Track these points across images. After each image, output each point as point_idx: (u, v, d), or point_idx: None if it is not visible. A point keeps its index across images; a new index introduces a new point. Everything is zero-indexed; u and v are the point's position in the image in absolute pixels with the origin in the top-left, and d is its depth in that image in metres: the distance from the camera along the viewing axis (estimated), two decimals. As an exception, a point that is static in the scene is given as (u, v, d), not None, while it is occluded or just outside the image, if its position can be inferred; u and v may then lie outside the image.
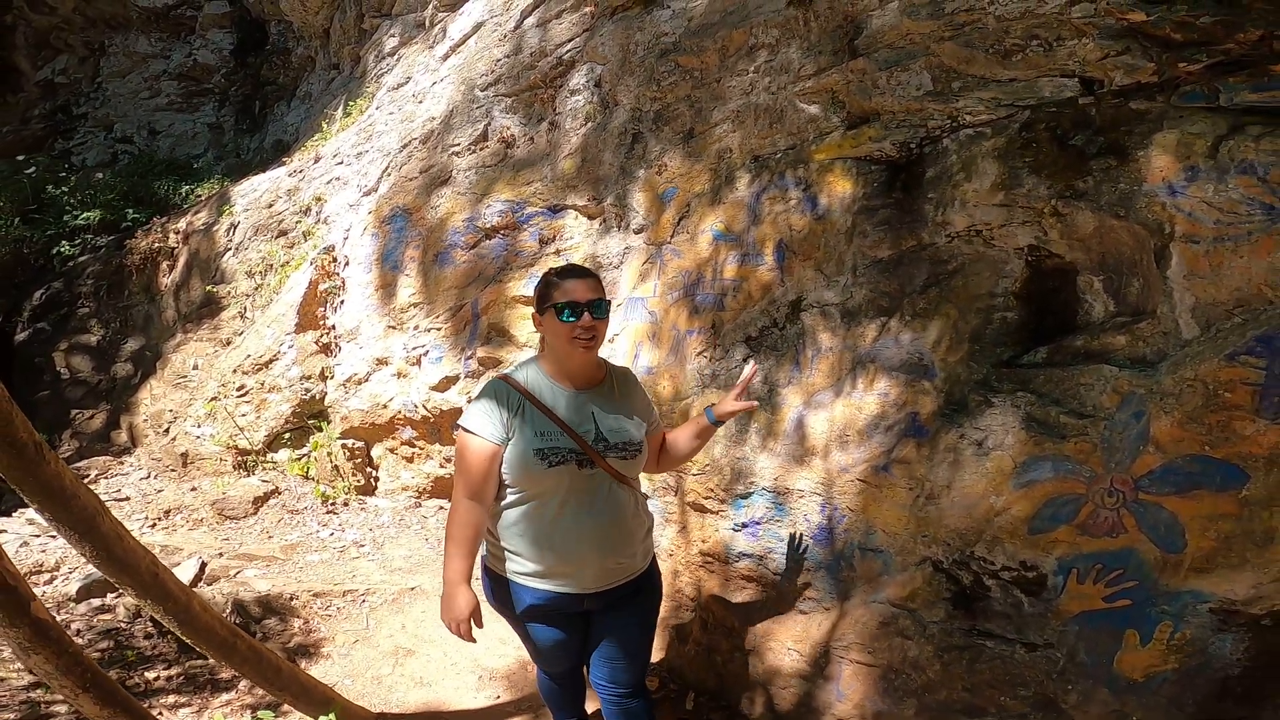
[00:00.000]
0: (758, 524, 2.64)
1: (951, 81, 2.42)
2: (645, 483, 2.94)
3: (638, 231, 3.42)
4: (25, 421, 1.69)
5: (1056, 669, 2.01)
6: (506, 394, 1.93)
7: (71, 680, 1.80)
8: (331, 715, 2.53)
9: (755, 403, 2.16)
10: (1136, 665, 1.91)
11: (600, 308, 1.91)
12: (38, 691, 2.72)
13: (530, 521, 1.92)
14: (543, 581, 1.94)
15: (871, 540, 2.37)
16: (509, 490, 1.92)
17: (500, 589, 2.03)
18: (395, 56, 6.34)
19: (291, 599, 3.46)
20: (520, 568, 1.95)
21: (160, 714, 2.70)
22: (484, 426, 1.89)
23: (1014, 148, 2.26)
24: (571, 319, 1.87)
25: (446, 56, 5.24)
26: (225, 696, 2.83)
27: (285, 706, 2.64)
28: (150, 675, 2.92)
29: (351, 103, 6.76)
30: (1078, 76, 2.20)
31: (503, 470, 1.89)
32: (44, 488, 1.76)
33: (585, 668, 2.19)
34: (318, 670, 3.01)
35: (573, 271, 1.97)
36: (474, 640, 1.92)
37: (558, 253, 3.77)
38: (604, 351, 3.41)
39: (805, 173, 2.77)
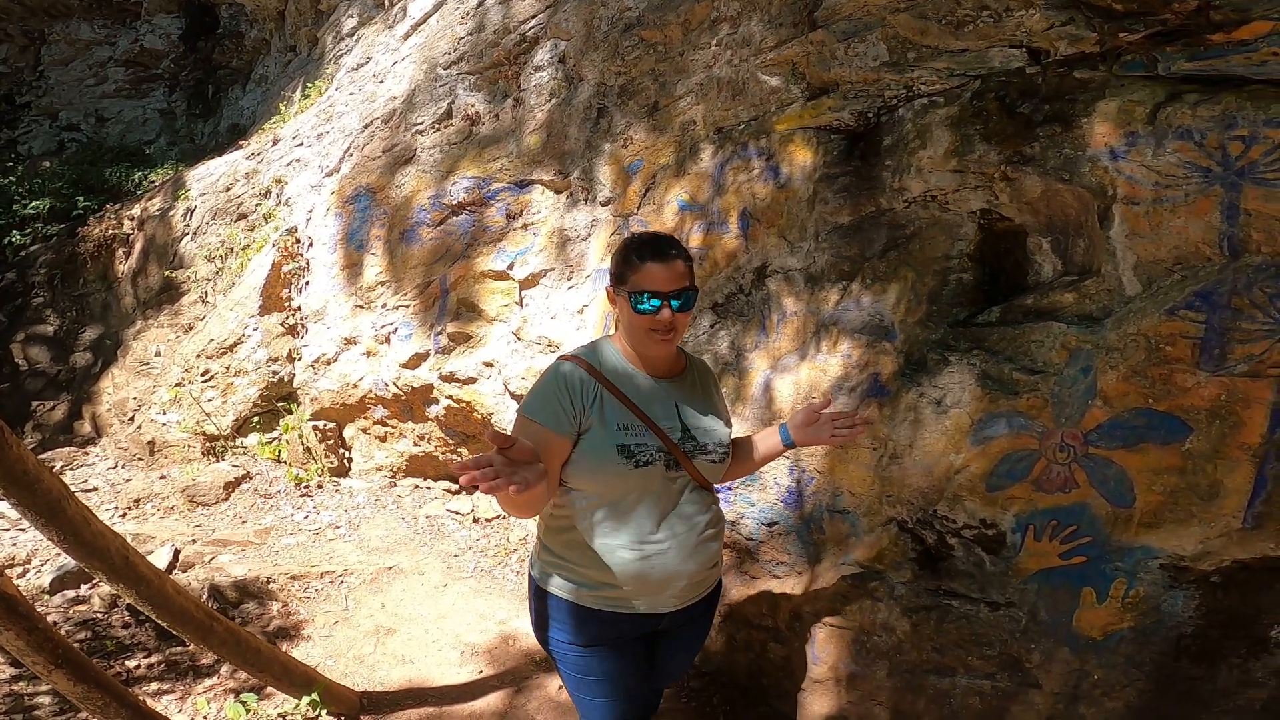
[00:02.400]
0: (729, 489, 2.71)
1: (906, 52, 2.48)
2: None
3: (604, 204, 3.45)
4: (-14, 408, 1.69)
5: (1019, 628, 2.09)
6: (580, 380, 1.61)
7: (43, 657, 1.80)
8: (314, 695, 2.56)
9: (858, 431, 1.82)
10: (1094, 623, 2.00)
11: (685, 300, 1.60)
12: (20, 684, 2.70)
13: (603, 530, 1.62)
14: (615, 602, 1.64)
15: (839, 502, 2.46)
16: (575, 494, 1.63)
17: (557, 613, 1.70)
18: (354, 37, 6.21)
19: (268, 582, 3.46)
20: (586, 586, 1.65)
21: (144, 701, 2.69)
22: (550, 415, 1.57)
23: (966, 116, 2.33)
24: (649, 311, 1.58)
25: (407, 35, 5.16)
26: (207, 682, 2.83)
27: (269, 690, 2.66)
28: (131, 664, 2.90)
29: (310, 84, 6.62)
30: (1025, 47, 2.27)
31: (567, 471, 1.59)
32: (7, 472, 1.75)
33: None
34: (299, 652, 3.02)
35: (657, 250, 1.60)
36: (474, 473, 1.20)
37: (525, 227, 3.78)
38: (571, 323, 3.48)
39: (767, 143, 2.82)
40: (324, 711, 2.59)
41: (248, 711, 2.58)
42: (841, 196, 2.60)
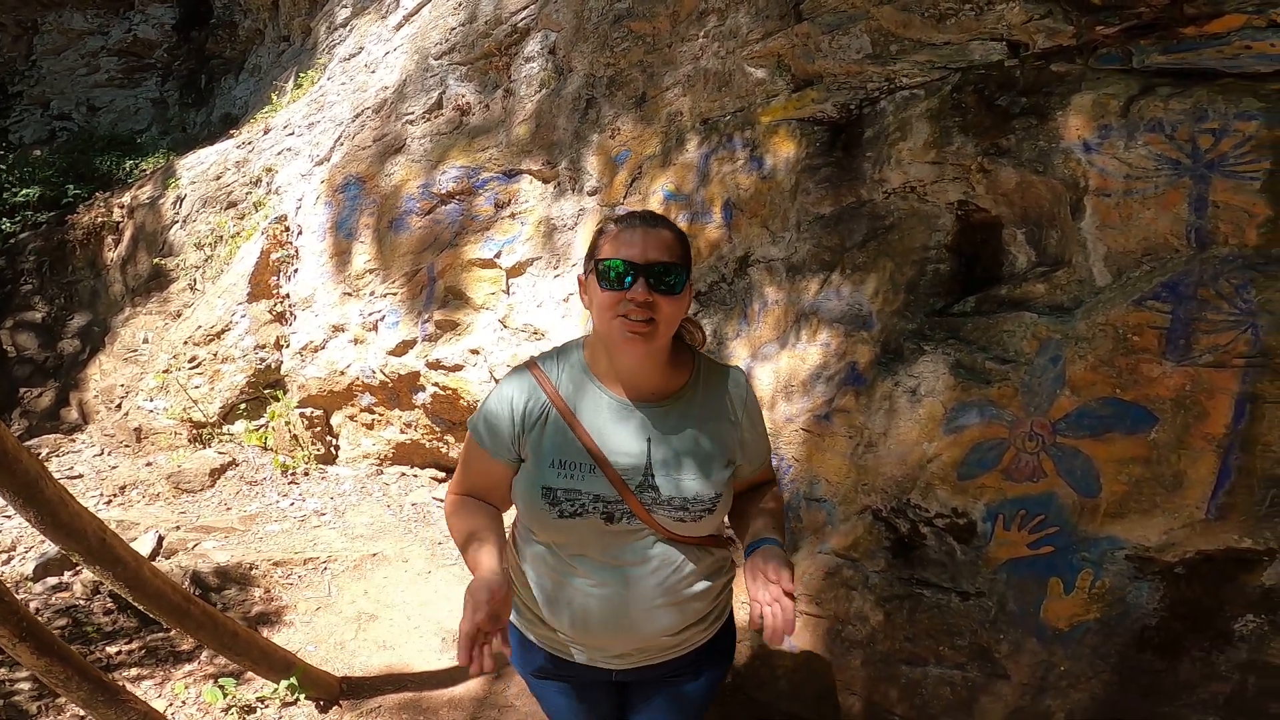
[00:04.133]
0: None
1: (889, 45, 2.50)
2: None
3: (591, 194, 3.46)
4: (-37, 390, 1.69)
5: (989, 618, 2.11)
6: (528, 396, 1.34)
7: (8, 629, 1.79)
8: (293, 679, 2.57)
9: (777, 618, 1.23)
10: (1061, 614, 2.01)
11: (672, 278, 1.23)
12: (1, 670, 2.71)
13: (543, 568, 1.39)
14: (552, 644, 1.45)
15: (816, 490, 2.48)
16: (522, 521, 1.42)
17: (512, 636, 1.49)
18: (347, 27, 6.20)
19: (251, 569, 3.47)
20: (528, 619, 1.46)
21: (123, 686, 2.70)
22: (490, 437, 1.35)
23: (945, 108, 2.35)
24: (618, 287, 1.22)
25: (400, 26, 5.15)
26: (187, 667, 2.83)
27: (247, 674, 2.67)
28: (111, 650, 2.90)
29: (302, 74, 6.60)
30: (1005, 40, 2.29)
31: (512, 495, 1.39)
32: None
33: None
34: (280, 638, 3.03)
35: (638, 217, 1.29)
36: (478, 654, 1.16)
37: (512, 216, 3.79)
38: (556, 312, 3.50)
39: (752, 134, 2.84)
40: (302, 696, 2.60)
41: (225, 695, 2.59)
42: (823, 187, 2.63)
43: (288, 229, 5.05)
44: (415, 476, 4.45)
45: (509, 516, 1.49)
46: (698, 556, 1.38)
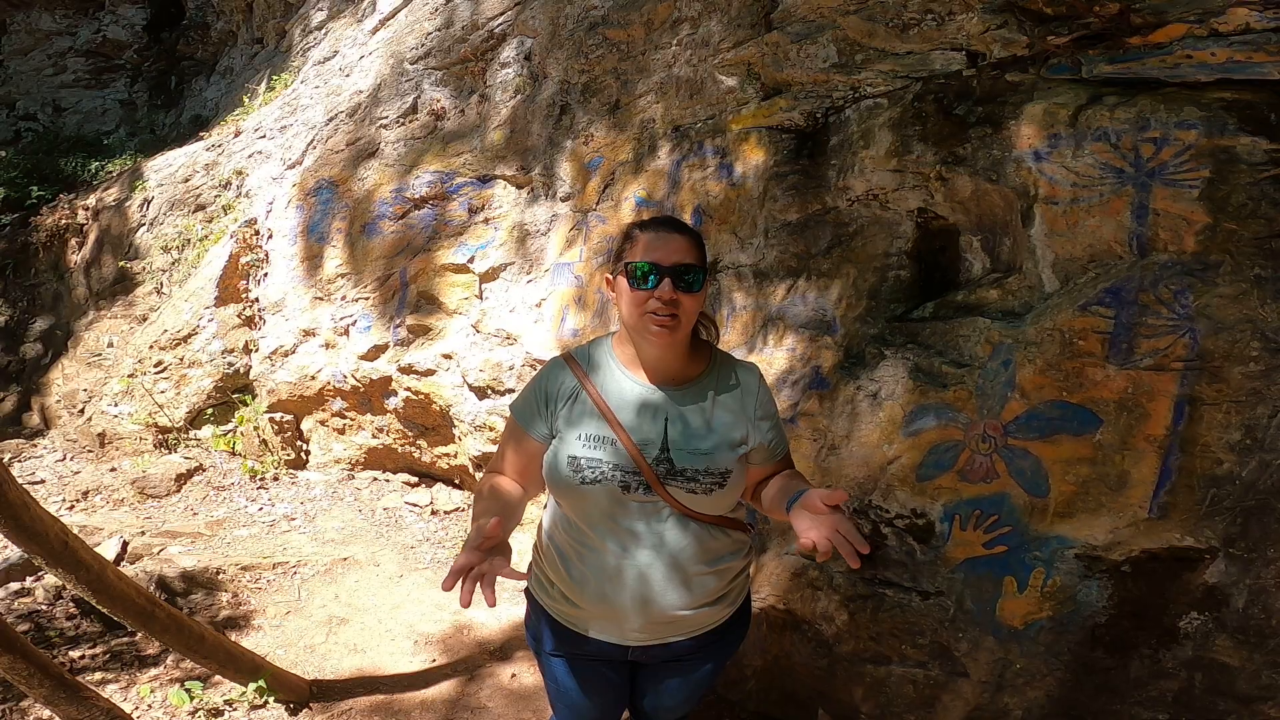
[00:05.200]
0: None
1: (855, 54, 2.56)
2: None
3: (564, 199, 3.50)
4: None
5: (948, 617, 2.15)
6: (560, 377, 1.53)
7: None
8: (261, 681, 2.55)
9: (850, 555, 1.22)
10: (1016, 612, 2.05)
11: (692, 277, 1.41)
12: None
13: (567, 543, 1.53)
14: (572, 619, 1.55)
15: (781, 489, 2.53)
16: (550, 496, 1.57)
17: (531, 611, 1.65)
18: (322, 30, 6.17)
19: (218, 573, 3.43)
20: (551, 594, 1.58)
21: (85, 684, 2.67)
22: (527, 416, 1.53)
23: (906, 117, 2.42)
24: (645, 286, 1.40)
25: (376, 30, 5.15)
26: (153, 671, 2.81)
27: (216, 678, 2.65)
28: (75, 654, 2.87)
29: (275, 77, 6.56)
30: (964, 49, 2.35)
31: (543, 472, 1.53)
32: None
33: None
34: (248, 642, 3.01)
35: (660, 222, 1.48)
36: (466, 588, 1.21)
37: (486, 221, 3.81)
38: (529, 316, 3.51)
39: (723, 141, 2.89)
40: (271, 698, 2.59)
41: (192, 699, 2.57)
42: (790, 195, 2.69)
43: (258, 232, 5.00)
44: (387, 481, 4.43)
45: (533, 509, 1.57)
46: (713, 535, 1.50)
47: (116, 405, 5.10)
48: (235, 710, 2.56)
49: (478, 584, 1.21)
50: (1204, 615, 1.87)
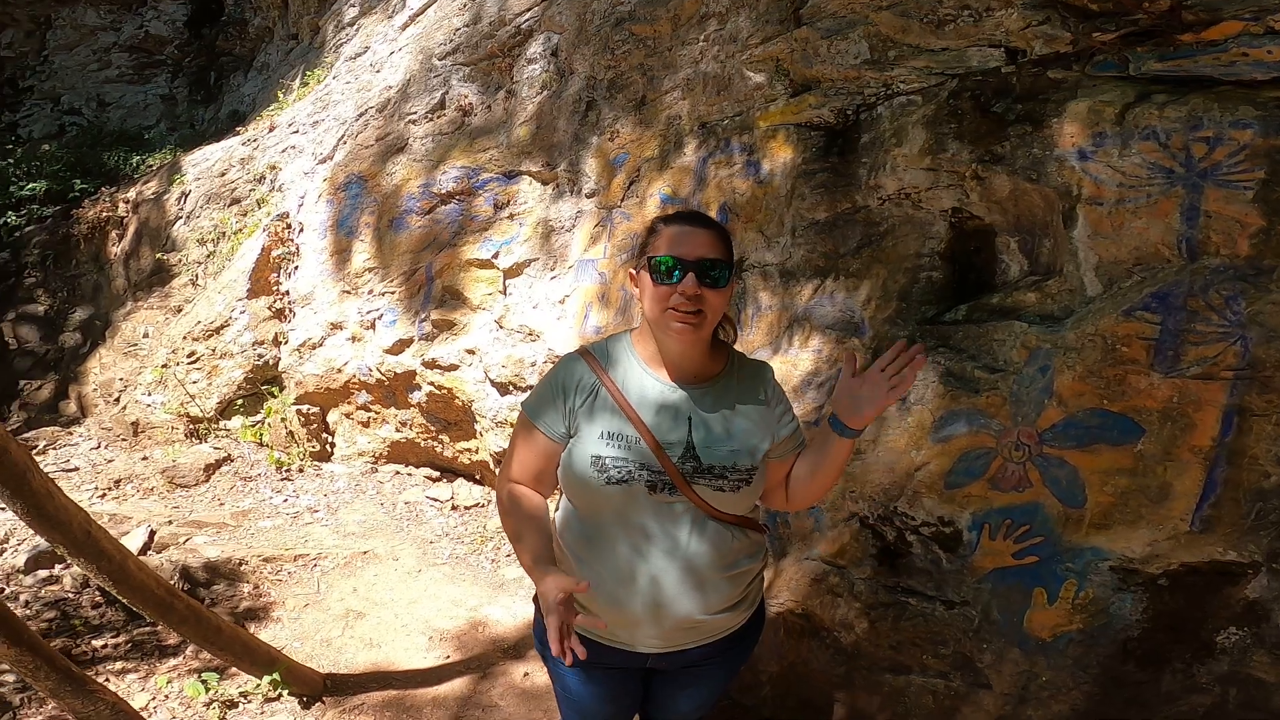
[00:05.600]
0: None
1: (888, 50, 2.49)
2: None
3: (589, 196, 3.47)
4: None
5: (972, 627, 2.10)
6: (577, 373, 1.46)
7: None
8: (276, 674, 2.55)
9: (917, 365, 1.35)
10: (1045, 624, 2.00)
11: (717, 273, 1.36)
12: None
13: (583, 546, 1.47)
14: (590, 629, 1.44)
15: (804, 495, 2.47)
16: (564, 499, 1.52)
17: (541, 622, 1.49)
18: (354, 26, 6.24)
19: (240, 564, 3.46)
20: None
21: (107, 680, 2.69)
22: (543, 416, 1.46)
23: (941, 115, 2.35)
24: (668, 281, 1.35)
25: (405, 26, 5.18)
26: (172, 662, 2.82)
27: (232, 670, 2.66)
28: (98, 643, 2.89)
29: (309, 72, 6.64)
30: (1003, 46, 2.28)
31: (559, 472, 1.48)
32: None
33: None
34: (267, 634, 3.03)
35: (686, 217, 1.43)
36: (568, 647, 1.25)
37: (511, 217, 3.80)
38: (552, 313, 3.49)
39: (750, 138, 2.84)
40: (285, 692, 2.59)
41: (208, 690, 2.58)
42: (819, 193, 2.62)
43: (289, 226, 5.06)
44: (410, 475, 4.45)
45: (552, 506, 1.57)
46: (734, 536, 1.46)
47: (150, 395, 5.20)
48: (250, 703, 2.57)
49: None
50: (1243, 630, 1.82)
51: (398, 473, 4.46)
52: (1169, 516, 1.85)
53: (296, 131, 5.81)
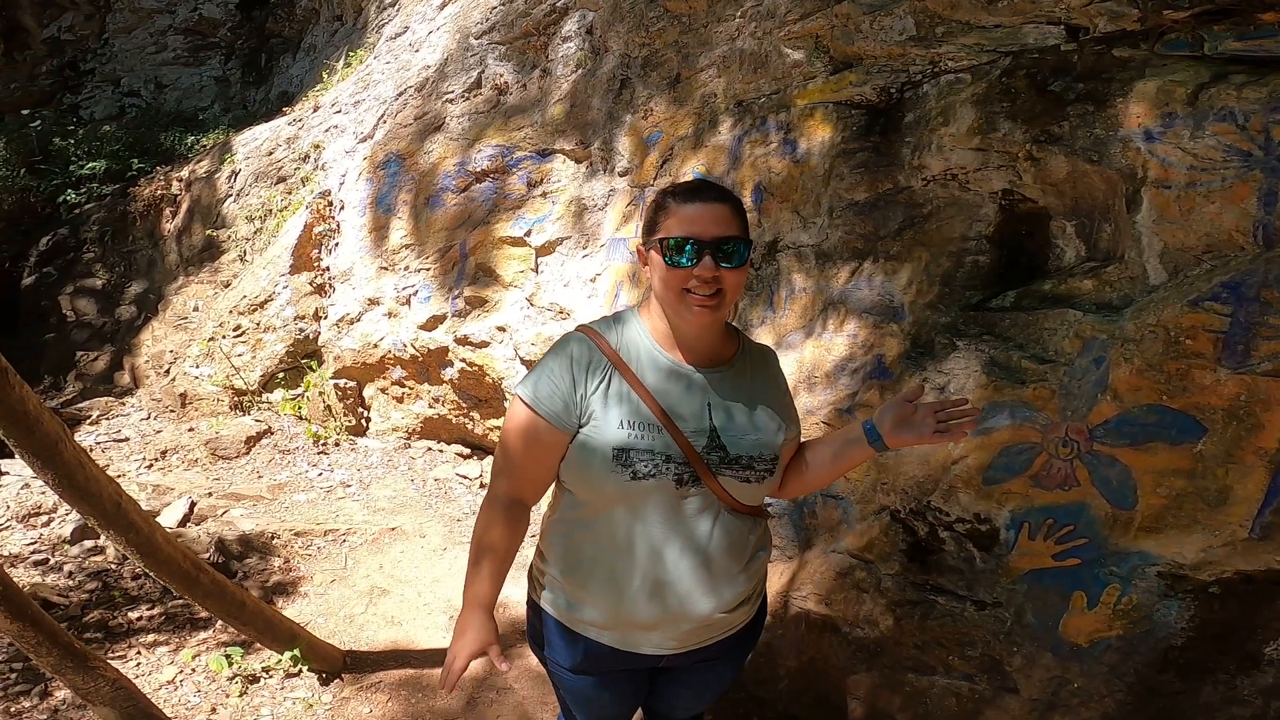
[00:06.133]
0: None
1: (935, 26, 2.36)
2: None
3: (622, 174, 3.41)
4: (-10, 348, 1.68)
5: (1004, 629, 2.01)
6: (589, 359, 1.32)
7: None
8: (297, 650, 2.56)
9: (968, 424, 1.33)
10: (1082, 629, 1.91)
11: (736, 252, 1.25)
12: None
13: (594, 547, 1.35)
14: (601, 632, 1.38)
15: (833, 487, 2.38)
16: (569, 495, 1.37)
17: (549, 632, 1.45)
18: (395, 6, 6.27)
19: (273, 538, 3.52)
20: (574, 606, 1.39)
21: (139, 652, 2.75)
22: (546, 400, 1.30)
23: (993, 93, 2.21)
24: (685, 263, 1.24)
25: (443, 5, 5.17)
26: (201, 635, 2.86)
27: (257, 645, 2.67)
28: (133, 615, 2.95)
29: (352, 53, 6.70)
30: (1063, 23, 2.14)
31: (562, 465, 1.34)
32: (8, 413, 1.75)
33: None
34: (293, 609, 3.07)
35: (699, 191, 1.30)
36: (452, 686, 1.30)
37: (544, 195, 3.76)
38: (583, 291, 3.44)
39: (787, 117, 2.73)
40: (305, 667, 2.62)
41: (231, 664, 2.62)
42: (859, 173, 2.51)
43: (331, 204, 5.13)
44: (441, 452, 4.48)
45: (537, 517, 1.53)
46: (751, 528, 1.39)
47: (198, 367, 5.35)
48: (271, 678, 2.60)
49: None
50: (1293, 642, 1.69)
51: (429, 449, 4.50)
52: (1227, 522, 1.73)
53: (339, 111, 5.87)
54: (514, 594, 3.18)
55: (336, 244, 4.97)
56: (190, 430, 4.91)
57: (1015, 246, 2.23)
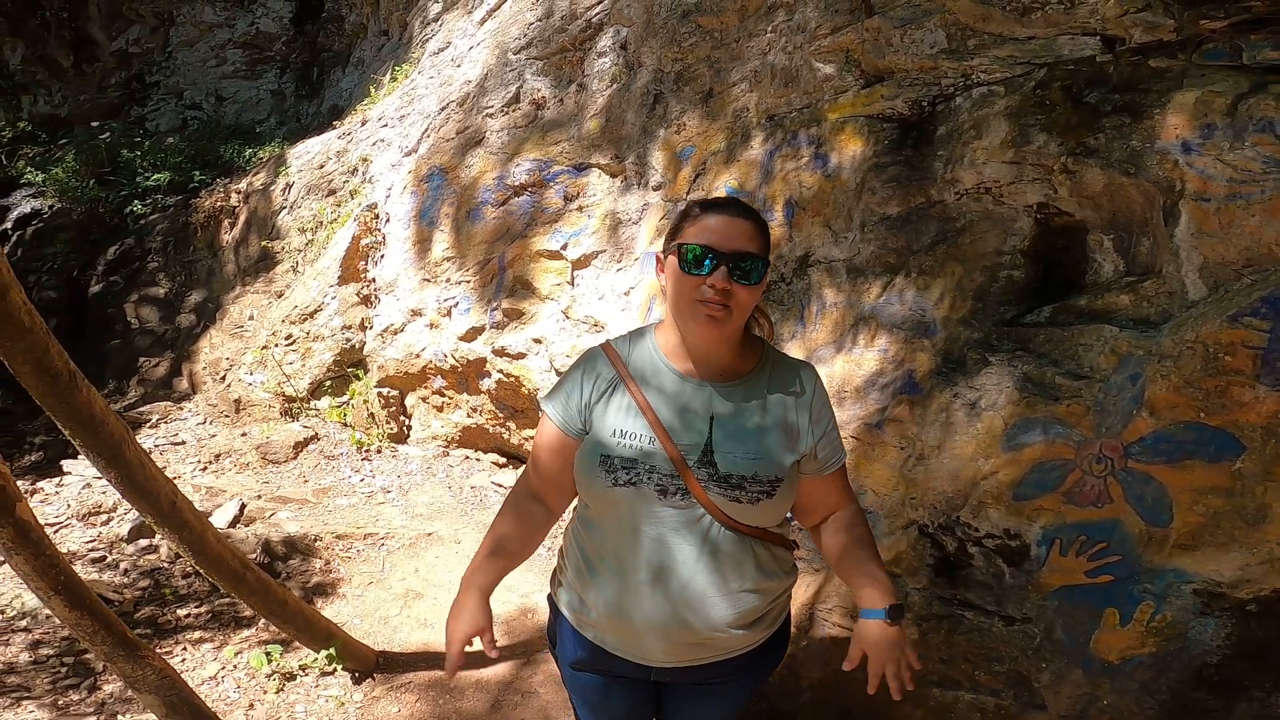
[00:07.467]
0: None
1: (967, 39, 2.36)
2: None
3: (656, 189, 3.46)
4: (61, 352, 1.76)
5: (1032, 645, 1.98)
6: (596, 368, 1.39)
7: (46, 582, 1.87)
8: (332, 649, 2.65)
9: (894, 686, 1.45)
10: (1113, 646, 1.88)
11: (751, 268, 1.26)
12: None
13: (594, 550, 1.40)
14: (596, 634, 1.42)
15: (862, 500, 2.38)
16: (580, 497, 1.44)
17: (560, 629, 1.51)
18: (438, 22, 6.44)
19: (315, 540, 3.64)
20: (578, 606, 1.44)
21: (184, 648, 2.88)
22: (560, 411, 1.38)
23: (1027, 106, 2.19)
24: (697, 271, 1.25)
25: (483, 21, 5.30)
26: (244, 633, 2.97)
27: (295, 644, 2.76)
28: (182, 612, 3.08)
29: (397, 68, 6.91)
30: (1098, 34, 2.12)
31: (573, 471, 1.40)
32: (75, 415, 1.84)
33: None
34: (331, 609, 3.17)
35: (726, 205, 1.32)
36: (453, 671, 1.44)
37: (580, 209, 3.84)
38: (617, 305, 3.50)
39: (818, 131, 2.74)
40: (339, 667, 2.71)
41: (270, 662, 2.72)
42: (890, 187, 2.50)
43: (377, 216, 5.30)
44: (478, 460, 4.58)
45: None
46: (755, 549, 1.35)
47: (251, 374, 5.58)
48: (306, 676, 2.69)
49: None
50: (1331, 660, 1.64)
51: (467, 457, 4.60)
52: (1265, 540, 1.70)
53: (385, 125, 6.06)
54: (544, 601, 3.24)
55: (382, 256, 5.14)
56: (243, 435, 5.12)
57: (1051, 261, 2.20)
